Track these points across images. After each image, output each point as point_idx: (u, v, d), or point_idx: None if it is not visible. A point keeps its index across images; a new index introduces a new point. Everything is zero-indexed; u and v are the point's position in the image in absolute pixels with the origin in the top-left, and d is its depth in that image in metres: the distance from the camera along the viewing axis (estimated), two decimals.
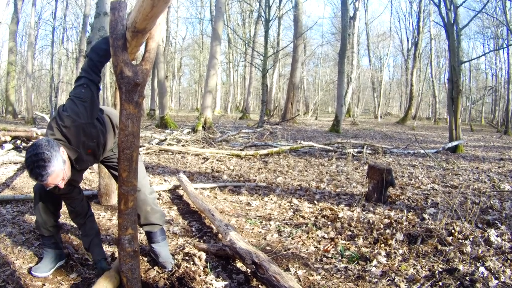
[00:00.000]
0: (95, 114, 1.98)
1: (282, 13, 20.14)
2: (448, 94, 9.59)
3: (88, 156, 2.03)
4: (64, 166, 1.80)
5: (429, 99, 33.69)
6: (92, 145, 2.01)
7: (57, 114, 1.89)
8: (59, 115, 1.87)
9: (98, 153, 2.11)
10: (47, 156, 1.71)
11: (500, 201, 3.99)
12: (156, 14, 1.50)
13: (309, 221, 3.42)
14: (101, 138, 2.07)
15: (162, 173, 5.51)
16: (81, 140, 1.91)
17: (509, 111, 16.94)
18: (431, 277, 2.29)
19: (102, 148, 2.14)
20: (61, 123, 1.85)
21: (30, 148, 1.74)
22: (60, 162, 1.77)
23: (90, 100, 1.91)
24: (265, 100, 16.24)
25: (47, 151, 1.72)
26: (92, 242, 2.22)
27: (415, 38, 24.82)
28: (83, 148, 1.95)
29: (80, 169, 2.03)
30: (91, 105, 1.92)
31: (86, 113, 1.89)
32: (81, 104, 1.88)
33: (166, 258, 2.40)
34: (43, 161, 1.70)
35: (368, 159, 7.17)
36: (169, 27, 22.80)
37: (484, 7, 14.33)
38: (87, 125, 1.92)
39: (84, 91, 1.90)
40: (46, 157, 1.71)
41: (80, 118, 1.87)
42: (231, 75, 33.66)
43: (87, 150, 1.99)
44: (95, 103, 1.96)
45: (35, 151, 1.72)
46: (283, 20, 23.77)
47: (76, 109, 1.87)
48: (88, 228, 2.23)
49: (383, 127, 19.62)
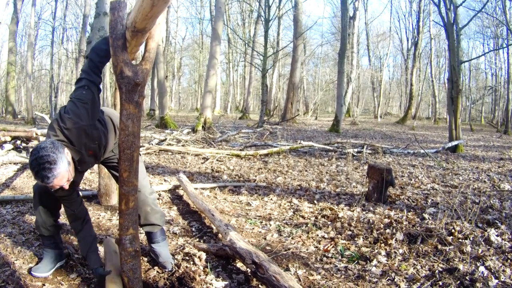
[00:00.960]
0: (96, 115, 1.98)
1: (282, 13, 20.15)
2: (448, 94, 9.60)
3: (89, 158, 2.03)
4: (69, 167, 1.80)
5: (429, 99, 33.70)
6: (94, 147, 2.01)
7: (59, 116, 1.89)
8: (60, 117, 1.87)
9: (99, 154, 2.11)
10: (52, 158, 1.71)
11: (500, 201, 3.99)
12: (155, 14, 1.50)
13: (309, 221, 3.42)
14: (102, 139, 2.07)
15: (162, 173, 5.51)
16: (83, 141, 1.91)
17: (509, 110, 16.94)
18: (431, 277, 2.29)
19: (103, 149, 2.14)
20: (62, 125, 1.84)
21: (35, 151, 1.73)
22: (65, 164, 1.77)
23: (91, 102, 1.90)
24: (265, 100, 16.24)
25: (53, 153, 1.72)
26: (90, 249, 2.17)
27: (415, 37, 24.85)
28: (85, 150, 1.95)
29: (81, 170, 2.04)
30: (92, 106, 1.91)
31: (87, 115, 1.89)
32: (82, 106, 1.88)
33: (166, 258, 2.40)
34: (49, 163, 1.70)
35: (368, 159, 7.18)
36: (169, 27, 22.81)
37: (483, 7, 14.31)
38: (88, 127, 1.91)
39: (85, 92, 1.90)
40: (52, 159, 1.71)
41: (82, 120, 1.87)
42: (231, 75, 33.66)
43: (88, 151, 1.99)
44: (96, 104, 1.95)
45: (40, 154, 1.71)
46: (283, 20, 23.80)
47: (77, 111, 1.87)
48: (86, 234, 2.19)
49: (383, 127, 19.63)
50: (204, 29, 36.72)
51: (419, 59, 25.97)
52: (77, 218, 2.18)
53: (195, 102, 39.09)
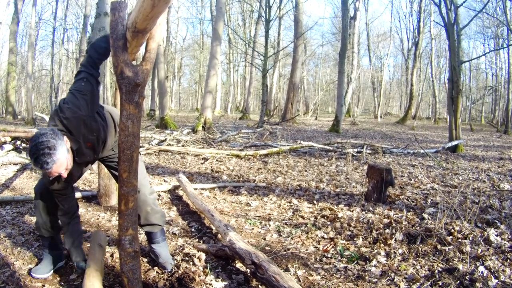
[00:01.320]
0: (95, 107, 2.01)
1: (282, 13, 20.16)
2: (448, 93, 9.59)
3: (87, 150, 2.04)
4: (68, 155, 1.82)
5: (429, 99, 33.68)
6: (92, 139, 2.02)
7: (58, 106, 1.92)
8: (60, 108, 1.90)
9: (97, 148, 2.12)
10: (52, 144, 1.73)
11: (499, 201, 3.99)
12: (156, 14, 1.50)
13: (309, 221, 3.43)
14: (101, 132, 2.08)
15: (161, 174, 5.51)
16: (81, 132, 1.94)
17: (509, 110, 16.93)
18: (431, 277, 2.29)
19: (102, 143, 2.14)
20: (62, 115, 1.87)
21: (35, 137, 1.76)
22: (65, 150, 1.79)
23: (90, 93, 1.94)
24: (265, 100, 16.24)
25: (52, 139, 1.74)
26: (74, 244, 2.21)
27: (416, 38, 24.83)
28: (83, 140, 1.97)
29: (79, 162, 2.04)
30: (91, 98, 1.94)
31: (86, 106, 1.92)
32: (82, 97, 1.91)
33: (166, 258, 2.40)
34: (49, 148, 1.72)
35: (368, 159, 7.18)
36: (169, 27, 22.81)
37: (484, 7, 14.31)
38: (87, 118, 1.94)
39: (84, 84, 1.93)
40: (52, 145, 1.73)
41: (81, 111, 1.90)
42: (231, 75, 33.66)
43: (87, 143, 2.00)
44: (96, 96, 1.99)
45: (40, 139, 1.73)
46: (283, 20, 23.80)
47: (76, 102, 1.90)
48: (72, 229, 2.22)
49: (383, 127, 19.62)
50: (205, 29, 36.73)
51: (420, 59, 25.96)
52: (67, 212, 2.19)
53: (196, 103, 39.10)
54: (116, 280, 2.25)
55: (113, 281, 2.24)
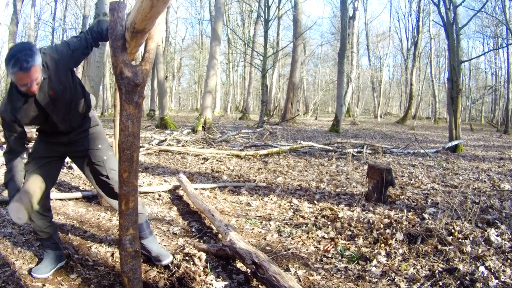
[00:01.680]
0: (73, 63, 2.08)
1: (281, 13, 20.15)
2: (448, 93, 9.60)
3: (47, 96, 2.00)
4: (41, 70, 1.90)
5: (429, 99, 33.70)
6: (57, 89, 2.02)
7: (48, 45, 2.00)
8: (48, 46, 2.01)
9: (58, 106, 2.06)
10: (34, 48, 1.84)
11: (500, 201, 3.99)
12: (155, 15, 1.50)
13: (309, 221, 3.43)
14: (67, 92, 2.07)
15: (162, 174, 5.51)
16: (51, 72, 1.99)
17: (509, 110, 16.95)
18: (431, 277, 2.29)
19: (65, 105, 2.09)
20: (43, 48, 2.00)
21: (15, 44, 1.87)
22: (40, 60, 1.86)
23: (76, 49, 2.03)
24: (265, 100, 16.24)
25: (33, 46, 1.87)
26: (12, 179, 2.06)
27: (415, 37, 24.84)
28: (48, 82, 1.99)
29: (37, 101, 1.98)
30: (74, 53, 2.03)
31: (67, 56, 2.02)
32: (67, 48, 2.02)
33: (158, 251, 2.38)
34: (30, 50, 1.81)
35: (368, 159, 7.18)
36: (168, 28, 22.79)
37: (483, 6, 14.30)
38: (62, 66, 2.01)
39: (76, 41, 2.05)
40: (34, 49, 1.84)
41: (59, 56, 1.99)
42: (231, 76, 33.66)
43: (50, 89, 2.00)
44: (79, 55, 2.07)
45: (22, 44, 1.85)
46: (282, 20, 23.80)
47: (61, 48, 2.03)
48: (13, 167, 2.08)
49: (383, 126, 19.63)
50: (204, 29, 36.77)
51: (419, 59, 25.97)
52: (12, 150, 2.11)
53: (195, 103, 39.10)
54: (116, 279, 2.25)
55: (113, 281, 2.24)
